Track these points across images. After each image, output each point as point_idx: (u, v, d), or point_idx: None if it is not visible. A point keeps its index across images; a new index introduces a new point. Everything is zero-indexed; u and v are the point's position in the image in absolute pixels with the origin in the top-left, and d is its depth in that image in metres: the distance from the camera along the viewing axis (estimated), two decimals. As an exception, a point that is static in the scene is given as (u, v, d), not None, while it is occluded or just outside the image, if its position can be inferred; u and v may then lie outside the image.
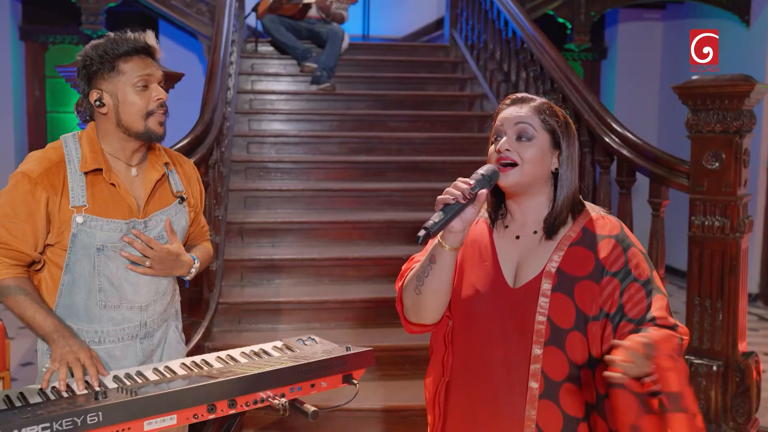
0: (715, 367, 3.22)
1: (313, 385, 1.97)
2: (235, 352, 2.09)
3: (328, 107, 5.71)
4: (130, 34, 2.01)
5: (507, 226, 1.67)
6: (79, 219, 1.96)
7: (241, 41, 6.09)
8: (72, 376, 1.86)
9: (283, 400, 1.88)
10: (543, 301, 1.55)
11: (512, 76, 5.32)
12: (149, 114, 1.98)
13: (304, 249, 4.26)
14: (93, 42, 2.03)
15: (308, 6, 6.33)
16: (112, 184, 2.01)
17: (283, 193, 4.66)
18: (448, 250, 1.56)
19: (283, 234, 4.34)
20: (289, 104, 5.75)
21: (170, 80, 2.92)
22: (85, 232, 1.97)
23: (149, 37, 2.03)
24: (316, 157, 5.13)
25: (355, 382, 2.03)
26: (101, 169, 1.99)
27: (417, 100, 5.87)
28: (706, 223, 3.24)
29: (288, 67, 6.23)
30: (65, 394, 1.79)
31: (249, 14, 6.39)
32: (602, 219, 1.64)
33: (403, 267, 1.75)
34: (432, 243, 1.61)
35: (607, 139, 3.80)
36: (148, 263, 2.02)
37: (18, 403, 1.71)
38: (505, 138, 1.59)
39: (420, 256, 1.70)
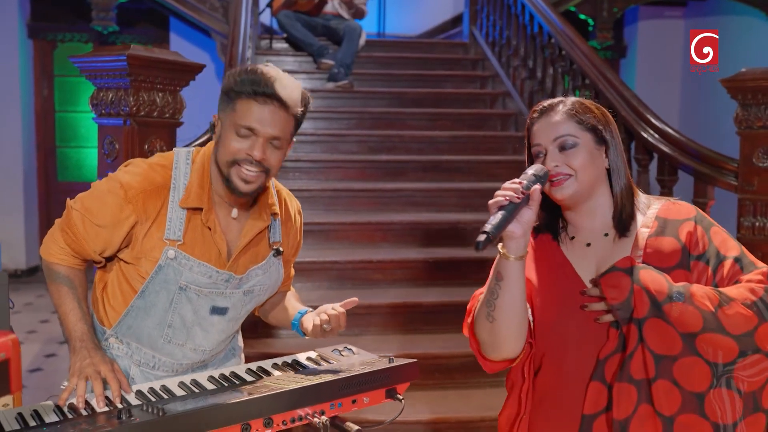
0: (766, 378, 3.04)
1: (354, 401, 1.80)
2: (267, 364, 1.91)
3: (346, 105, 5.54)
4: (266, 73, 1.70)
5: (573, 237, 1.55)
6: (171, 253, 1.78)
7: (256, 38, 5.93)
8: (92, 391, 1.69)
9: (324, 417, 1.71)
10: None
11: (538, 73, 5.14)
12: (233, 163, 1.73)
13: (325, 251, 4.09)
14: (239, 67, 1.77)
15: (324, 2, 6.16)
16: (208, 227, 1.81)
17: (302, 194, 4.48)
18: (513, 261, 1.42)
19: (303, 235, 4.16)
20: (306, 102, 5.58)
21: (190, 71, 2.75)
22: (173, 268, 1.79)
23: (279, 86, 1.69)
24: (334, 156, 4.95)
25: (400, 397, 1.86)
26: (201, 208, 1.80)
27: (436, 98, 5.70)
28: (757, 224, 3.06)
29: (303, 64, 6.07)
30: (84, 412, 1.61)
31: (263, 10, 6.23)
32: (674, 205, 1.55)
33: (469, 306, 1.59)
34: (494, 264, 1.47)
35: (645, 135, 3.62)
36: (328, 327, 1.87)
37: (32, 422, 1.54)
38: (548, 154, 1.50)
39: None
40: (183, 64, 2.71)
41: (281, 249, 1.94)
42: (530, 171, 1.46)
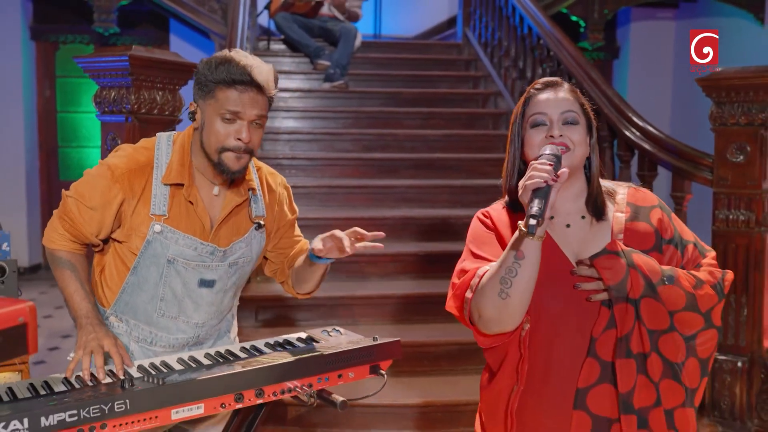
0: (740, 363, 3.17)
1: (340, 376, 1.93)
2: (260, 343, 2.05)
3: (342, 105, 5.68)
4: (241, 62, 1.84)
5: (552, 217, 1.62)
6: (158, 228, 1.93)
7: (254, 39, 6.07)
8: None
9: (311, 389, 1.85)
10: None
11: (528, 73, 5.28)
12: (224, 149, 1.87)
13: (320, 245, 4.21)
14: (212, 57, 1.91)
15: (320, 4, 6.31)
16: (190, 201, 1.96)
17: (298, 190, 4.61)
18: (536, 240, 1.47)
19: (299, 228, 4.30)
20: (303, 102, 5.73)
21: (189, 71, 2.89)
22: (160, 241, 1.94)
23: (256, 72, 1.83)
24: (330, 154, 5.10)
25: (383, 372, 1.99)
26: (183, 184, 1.95)
27: (430, 98, 5.84)
28: (731, 216, 3.19)
29: (300, 65, 6.21)
30: (90, 383, 1.75)
31: (261, 12, 6.37)
32: (638, 191, 1.69)
33: (457, 282, 1.61)
34: (512, 243, 1.51)
35: (627, 133, 3.76)
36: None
37: (43, 392, 1.67)
38: (553, 124, 1.58)
39: (473, 265, 1.59)
40: (182, 64, 2.85)
41: (262, 223, 2.07)
42: (549, 152, 1.52)
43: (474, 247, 1.63)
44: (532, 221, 1.40)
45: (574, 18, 6.89)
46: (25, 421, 1.48)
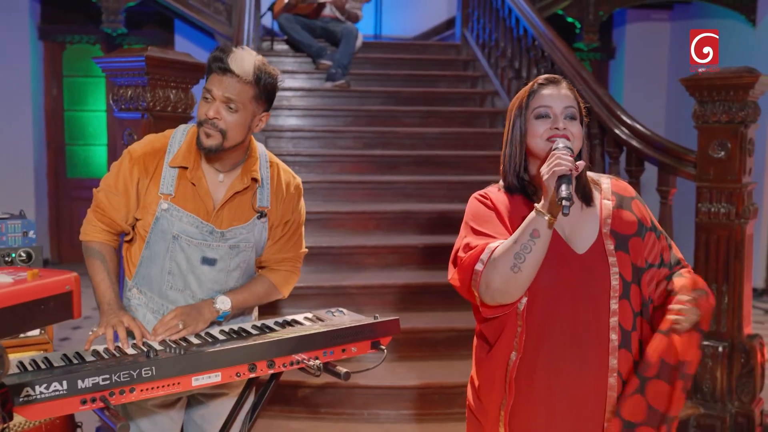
0: (720, 348, 3.35)
1: (344, 350, 2.11)
2: (269, 322, 2.22)
3: (343, 103, 5.85)
4: (225, 50, 2.05)
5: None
6: (164, 205, 2.13)
7: (258, 40, 6.24)
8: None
9: (318, 362, 2.02)
10: (612, 260, 1.72)
11: (523, 73, 5.46)
12: (199, 124, 2.08)
13: (322, 238, 4.40)
14: (214, 48, 2.12)
15: (323, 5, 6.48)
16: (192, 183, 2.15)
17: (302, 185, 4.79)
18: (548, 221, 1.62)
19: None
20: (305, 100, 5.90)
21: (200, 70, 3.07)
22: (167, 218, 2.13)
23: (232, 59, 2.03)
24: (332, 151, 5.27)
25: (383, 348, 2.17)
26: (187, 167, 2.14)
27: (429, 97, 6.01)
28: (713, 209, 3.37)
29: (303, 65, 6.38)
30: (116, 354, 1.93)
31: (265, 13, 6.54)
32: (618, 182, 1.86)
33: (463, 255, 1.73)
34: (529, 223, 1.64)
35: (617, 131, 3.93)
36: (181, 326, 2.08)
37: (75, 361, 1.85)
38: (558, 117, 1.73)
39: (478, 241, 1.71)
40: (194, 64, 3.03)
41: (265, 212, 2.23)
42: (564, 144, 1.67)
43: (475, 224, 1.76)
44: (566, 203, 1.55)
45: (569, 19, 7.06)
46: (64, 383, 1.66)
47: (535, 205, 1.65)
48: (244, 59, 2.05)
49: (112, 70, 2.95)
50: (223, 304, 2.17)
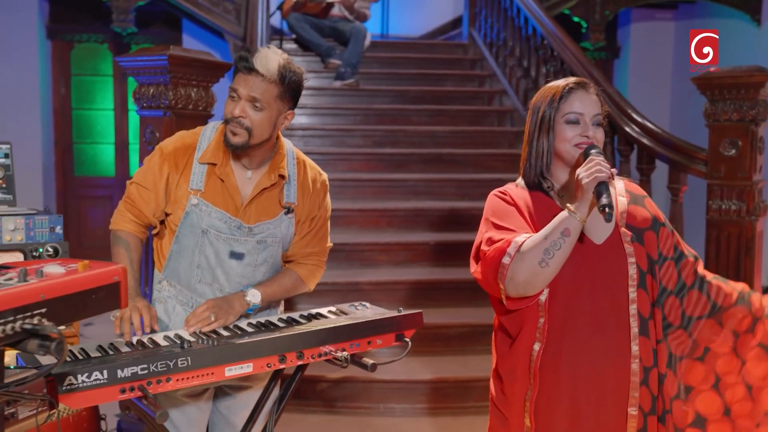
0: (732, 344, 3.39)
1: (369, 342, 2.15)
2: (295, 315, 2.27)
3: (352, 102, 5.90)
4: (247, 53, 2.11)
5: (562, 196, 1.85)
6: (194, 201, 2.19)
7: (268, 39, 6.28)
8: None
9: (345, 353, 2.06)
10: (629, 251, 1.79)
11: (532, 72, 5.51)
12: (226, 122, 2.14)
13: (335, 235, 4.37)
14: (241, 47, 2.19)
15: (331, 5, 6.53)
16: (221, 179, 2.20)
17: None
18: (580, 222, 1.70)
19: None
20: (314, 99, 5.95)
21: (220, 69, 3.12)
22: (196, 213, 2.19)
23: (257, 59, 2.09)
24: (342, 150, 5.33)
25: (407, 340, 2.21)
26: (216, 164, 2.19)
27: (437, 96, 6.06)
28: (723, 206, 3.42)
29: (311, 64, 6.42)
30: (150, 345, 1.98)
31: (274, 13, 6.58)
32: (631, 183, 1.95)
33: (487, 249, 1.77)
34: (560, 222, 1.70)
35: (627, 129, 3.98)
36: (212, 318, 2.14)
37: (111, 352, 1.90)
38: (588, 125, 1.79)
39: (500, 235, 1.75)
40: (214, 62, 3.08)
41: (292, 208, 2.28)
42: (594, 151, 1.74)
43: (496, 219, 1.82)
44: (609, 210, 1.62)
45: (575, 19, 7.11)
46: (105, 372, 1.71)
47: (568, 205, 1.71)
48: (269, 59, 2.11)
49: (135, 68, 2.99)
50: (254, 297, 2.22)
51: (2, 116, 7.54)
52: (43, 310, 1.27)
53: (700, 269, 1.88)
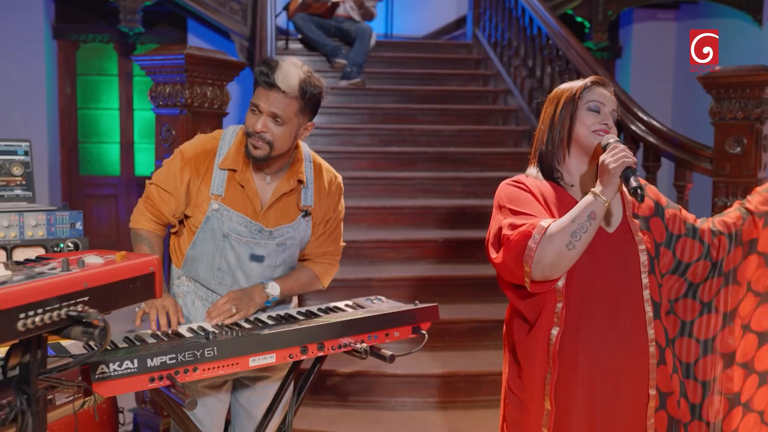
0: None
1: (387, 334, 2.21)
2: (313, 308, 2.32)
3: (358, 101, 5.95)
4: (273, 65, 2.13)
5: (573, 186, 1.93)
6: (215, 205, 2.24)
7: (274, 39, 6.34)
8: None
9: (364, 345, 2.12)
10: (638, 238, 1.87)
11: (537, 71, 5.56)
12: (248, 135, 2.17)
13: (344, 233, 4.49)
14: (261, 59, 2.22)
15: (336, 5, 6.58)
16: (241, 185, 2.25)
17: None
18: (605, 205, 1.77)
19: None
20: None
21: (235, 68, 3.17)
22: (217, 218, 2.24)
23: (279, 75, 2.11)
24: (349, 148, 5.38)
25: (424, 332, 2.27)
26: (236, 170, 2.24)
27: (442, 95, 6.12)
28: (729, 204, 3.46)
29: (317, 63, 6.47)
30: (175, 337, 2.03)
31: (280, 13, 6.64)
32: None
33: (510, 234, 1.81)
34: (586, 206, 1.77)
35: (633, 128, 4.03)
36: (234, 310, 2.20)
37: (137, 343, 1.95)
38: (607, 115, 1.89)
39: (522, 221, 1.80)
40: (229, 62, 3.14)
41: (309, 211, 2.34)
42: (613, 140, 1.82)
43: (514, 206, 1.86)
44: (639, 190, 1.72)
45: (579, 19, 7.16)
46: (135, 361, 1.76)
47: (593, 190, 1.77)
48: (290, 74, 2.13)
49: (152, 67, 3.04)
50: (273, 289, 2.27)
51: (9, 116, 7.60)
52: (86, 298, 1.32)
53: (707, 222, 2.00)
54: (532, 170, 1.97)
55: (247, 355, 1.94)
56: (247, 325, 2.14)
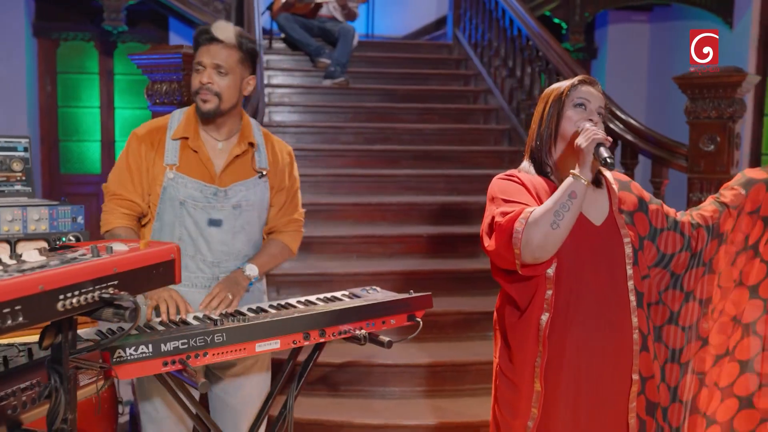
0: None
1: (383, 322, 2.32)
2: (312, 298, 2.43)
3: (342, 100, 6.04)
4: (206, 27, 2.36)
5: (562, 180, 2.02)
6: (170, 174, 2.37)
7: (259, 38, 6.41)
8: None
9: (364, 331, 2.23)
10: (624, 232, 2.00)
11: (517, 72, 5.70)
12: (195, 93, 2.35)
13: (331, 229, 4.60)
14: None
15: (320, 5, 6.67)
16: (194, 150, 2.38)
17: (307, 179, 4.97)
18: (585, 184, 1.87)
19: (310, 215, 4.62)
20: (305, 97, 6.09)
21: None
22: (173, 186, 2.36)
23: (216, 29, 2.35)
24: (334, 146, 5.47)
25: (418, 319, 2.39)
26: (188, 138, 2.38)
27: (424, 95, 6.23)
28: (703, 199, 3.61)
29: (300, 62, 6.56)
30: (180, 324, 2.12)
31: (263, 13, 6.71)
32: (616, 173, 2.16)
33: (500, 220, 1.90)
34: (567, 187, 1.88)
35: (611, 126, 4.18)
36: (230, 296, 2.33)
37: (147, 331, 2.04)
38: (593, 112, 2.00)
39: (509, 208, 1.90)
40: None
41: (265, 173, 2.48)
42: (589, 124, 1.92)
43: (506, 196, 1.97)
44: (610, 160, 1.84)
45: (556, 20, 7.32)
46: (150, 346, 1.85)
47: (572, 171, 1.89)
48: (226, 28, 2.35)
49: (149, 66, 3.12)
50: (252, 270, 2.42)
51: (-11, 113, 7.58)
52: (116, 282, 1.41)
53: (687, 215, 2.13)
54: (525, 165, 2.09)
55: (254, 341, 2.04)
56: (251, 314, 2.23)
